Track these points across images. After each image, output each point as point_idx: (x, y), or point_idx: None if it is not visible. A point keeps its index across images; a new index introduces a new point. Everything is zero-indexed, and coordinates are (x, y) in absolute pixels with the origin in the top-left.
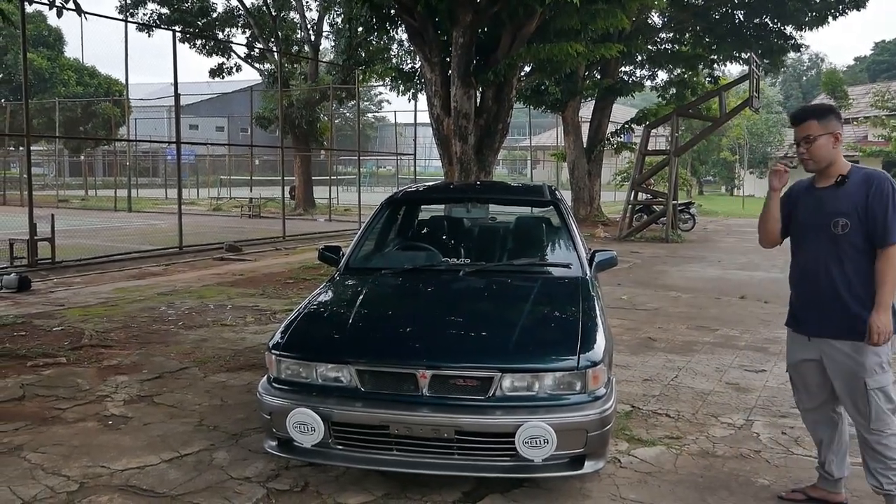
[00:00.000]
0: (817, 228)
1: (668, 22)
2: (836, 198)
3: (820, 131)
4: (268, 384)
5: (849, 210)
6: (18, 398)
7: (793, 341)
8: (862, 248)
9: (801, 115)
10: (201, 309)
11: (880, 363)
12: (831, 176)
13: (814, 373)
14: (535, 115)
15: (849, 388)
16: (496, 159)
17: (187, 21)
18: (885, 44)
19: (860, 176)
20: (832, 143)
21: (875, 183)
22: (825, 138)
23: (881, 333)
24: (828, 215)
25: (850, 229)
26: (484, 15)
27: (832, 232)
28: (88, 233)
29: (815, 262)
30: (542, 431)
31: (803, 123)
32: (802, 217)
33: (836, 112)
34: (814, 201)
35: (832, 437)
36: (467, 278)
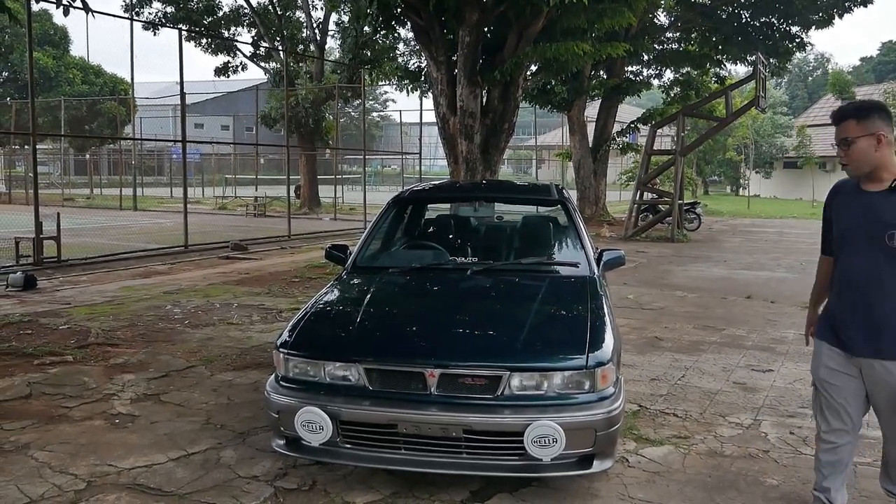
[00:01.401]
0: (868, 239)
1: (675, 21)
2: (891, 206)
3: (859, 132)
4: (276, 383)
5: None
6: (25, 396)
7: (826, 356)
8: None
9: (839, 114)
10: (207, 307)
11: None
12: (882, 180)
13: (850, 388)
14: (541, 115)
15: (891, 407)
16: (502, 158)
17: (193, 20)
18: (892, 44)
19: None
20: (874, 145)
21: None
22: (866, 141)
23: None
24: (883, 225)
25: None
26: (490, 14)
27: (886, 244)
28: (94, 231)
29: (865, 275)
30: (550, 430)
31: (841, 124)
32: (849, 223)
33: (882, 110)
34: (863, 207)
35: (847, 462)
36: (475, 277)
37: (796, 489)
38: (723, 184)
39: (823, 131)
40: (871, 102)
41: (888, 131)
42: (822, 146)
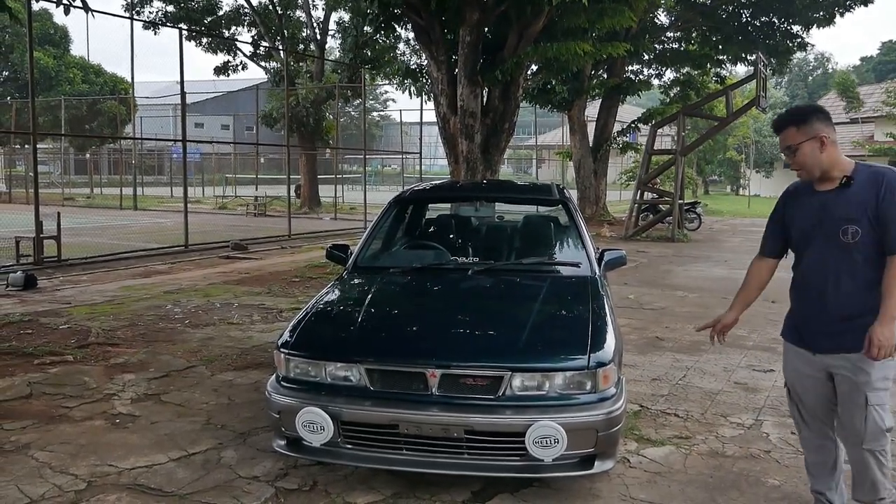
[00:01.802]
0: (824, 237)
1: (675, 21)
2: (843, 202)
3: (801, 138)
4: (277, 383)
5: (858, 215)
6: (25, 396)
7: (794, 355)
8: (876, 256)
9: (779, 123)
10: (207, 307)
11: (885, 378)
12: (833, 179)
13: (818, 389)
14: (541, 114)
15: (850, 401)
16: (502, 158)
17: (193, 19)
18: (892, 43)
19: (867, 175)
20: (818, 148)
21: (885, 182)
22: (809, 145)
23: (882, 347)
24: (835, 222)
25: (861, 236)
26: (491, 13)
27: (841, 241)
28: (94, 231)
29: (823, 273)
30: (552, 431)
31: (782, 132)
32: (805, 224)
33: (820, 112)
34: (817, 206)
35: (835, 460)
36: (476, 277)
37: (798, 490)
38: (723, 183)
39: None
40: (808, 107)
41: (829, 132)
42: None
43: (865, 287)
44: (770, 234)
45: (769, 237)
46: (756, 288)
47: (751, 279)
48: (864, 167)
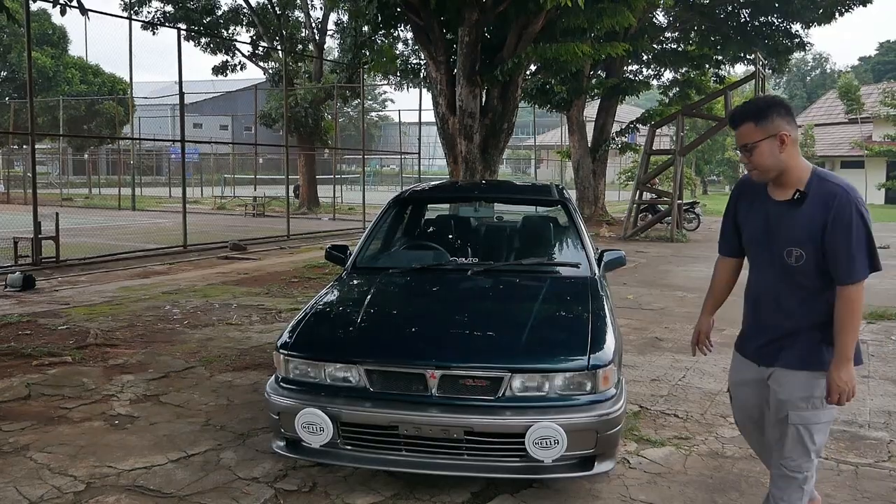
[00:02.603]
0: (769, 253)
1: (674, 21)
2: (791, 221)
3: (759, 136)
4: (276, 384)
5: (804, 238)
6: (24, 397)
7: (738, 367)
8: (820, 281)
9: (737, 117)
10: (206, 308)
11: (811, 399)
12: (787, 186)
13: (756, 395)
14: (540, 115)
15: (774, 415)
16: (501, 158)
17: (192, 19)
18: (891, 44)
19: (821, 193)
20: (777, 147)
21: (836, 207)
22: (767, 144)
23: (842, 392)
24: (780, 242)
25: (804, 261)
26: (490, 13)
27: (785, 261)
28: (92, 231)
29: (767, 289)
30: (552, 432)
31: (739, 128)
32: (754, 234)
33: (781, 106)
34: (766, 217)
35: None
36: (475, 278)
37: None
38: (722, 183)
39: (822, 131)
40: (769, 99)
41: (791, 129)
42: (821, 146)
43: (805, 309)
44: (724, 232)
45: (724, 236)
46: (723, 290)
47: (716, 281)
48: (818, 179)
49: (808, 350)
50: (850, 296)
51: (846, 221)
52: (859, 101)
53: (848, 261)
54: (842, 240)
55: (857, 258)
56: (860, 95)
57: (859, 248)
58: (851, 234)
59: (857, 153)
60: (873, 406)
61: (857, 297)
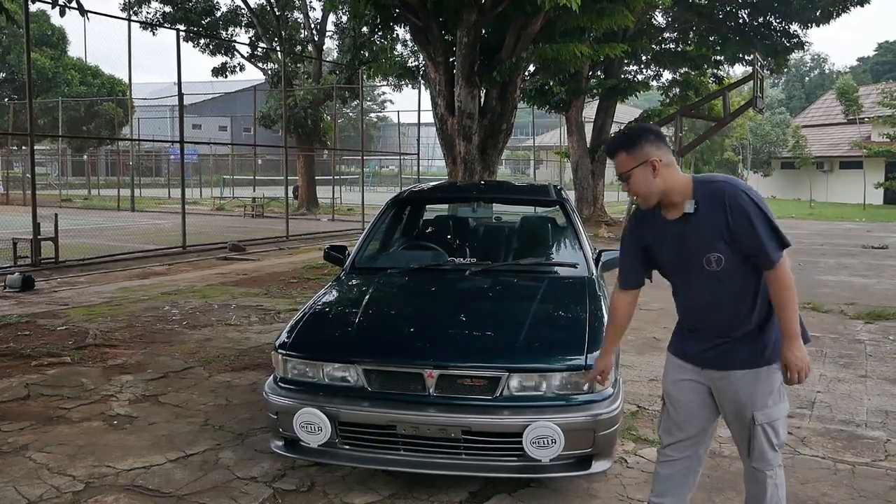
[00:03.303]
0: (690, 267)
1: (673, 22)
2: (695, 230)
3: (632, 164)
4: (274, 384)
5: (715, 242)
6: (23, 398)
7: (676, 369)
8: (747, 277)
9: (611, 149)
10: (205, 308)
11: (772, 393)
12: (675, 205)
13: (695, 404)
14: (539, 116)
15: (737, 421)
16: (500, 159)
17: (191, 20)
18: (889, 44)
19: (707, 196)
20: (650, 173)
21: (728, 200)
22: (640, 170)
23: (800, 370)
24: (696, 254)
25: (725, 262)
26: (488, 14)
27: (707, 269)
28: (91, 232)
29: (700, 299)
30: (549, 431)
31: (614, 159)
32: (669, 258)
33: (650, 133)
34: (671, 237)
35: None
36: (474, 278)
37: (794, 489)
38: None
39: (821, 131)
40: (638, 129)
41: (662, 154)
42: (819, 147)
43: (746, 307)
44: (629, 266)
45: (629, 269)
46: (625, 323)
47: (619, 317)
48: (701, 186)
49: (763, 345)
50: (779, 276)
51: (744, 210)
52: (857, 102)
53: (763, 245)
54: (748, 228)
55: (769, 239)
56: (858, 96)
57: (765, 228)
58: (754, 220)
59: (855, 153)
60: (870, 405)
61: (785, 274)
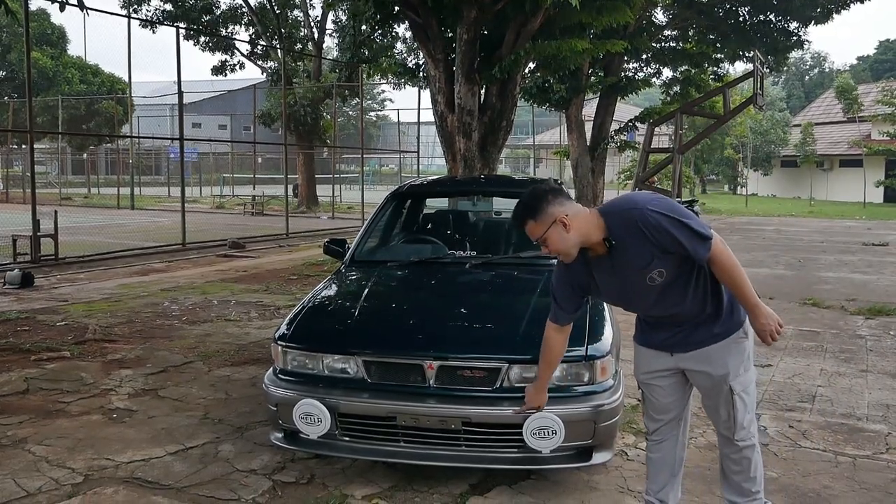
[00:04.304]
0: (636, 289)
1: (673, 19)
2: (626, 261)
3: (543, 229)
4: (274, 376)
5: (650, 259)
6: (22, 392)
7: (646, 358)
8: (692, 276)
9: (518, 221)
10: (205, 304)
11: (743, 362)
12: (595, 245)
13: (671, 384)
14: (539, 114)
15: (715, 395)
16: (500, 156)
17: (191, 18)
18: (889, 43)
19: (620, 226)
20: (563, 230)
21: (642, 225)
22: (554, 231)
23: (771, 331)
24: (636, 276)
25: (666, 274)
26: (488, 11)
27: (655, 286)
28: (91, 230)
29: (656, 310)
30: (549, 422)
31: (525, 227)
32: (611, 288)
33: (547, 194)
34: (609, 271)
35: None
36: (473, 270)
37: (795, 482)
38: (721, 182)
39: (821, 130)
40: (535, 193)
41: (566, 208)
42: (819, 145)
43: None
44: (565, 306)
45: (564, 309)
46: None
47: (553, 354)
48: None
49: (725, 317)
50: (717, 262)
51: (657, 225)
52: (856, 101)
53: (689, 249)
54: (670, 239)
55: (691, 240)
56: (857, 95)
57: (684, 233)
58: (670, 230)
59: (855, 152)
60: (871, 399)
61: (722, 258)
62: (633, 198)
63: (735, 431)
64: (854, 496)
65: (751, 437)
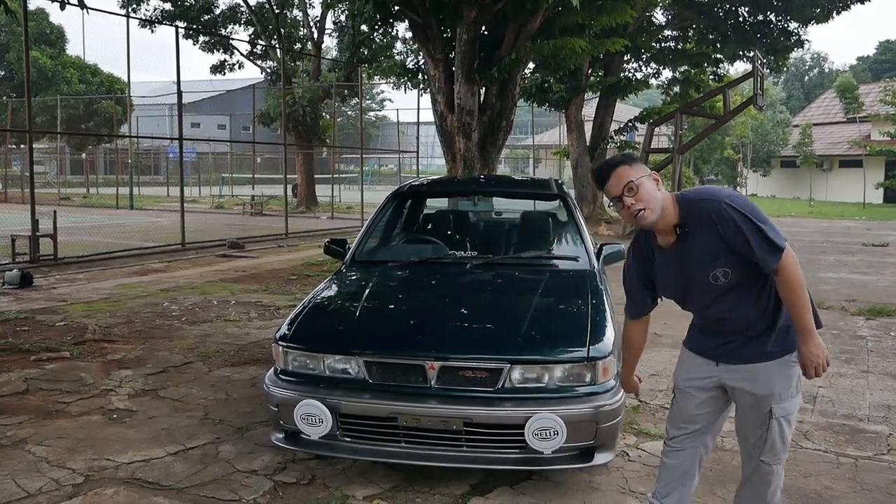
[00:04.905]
0: (699, 288)
1: (673, 19)
2: (693, 254)
3: (638, 173)
4: (275, 376)
5: (716, 257)
6: (22, 392)
7: (690, 364)
8: (755, 282)
9: (607, 167)
10: (204, 305)
11: (790, 385)
12: (666, 229)
13: (707, 399)
14: (538, 114)
15: (753, 414)
16: (499, 156)
17: (190, 17)
18: (889, 43)
19: (695, 212)
20: (655, 184)
21: (717, 219)
22: (647, 180)
23: (817, 365)
24: (700, 274)
25: (731, 275)
26: (488, 11)
27: (717, 286)
28: (90, 230)
29: (713, 313)
30: (551, 423)
31: (615, 172)
32: (672, 281)
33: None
34: (673, 262)
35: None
36: (474, 271)
37: (796, 483)
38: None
39: (821, 130)
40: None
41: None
42: (819, 145)
43: (759, 310)
44: (637, 297)
45: (637, 301)
46: (640, 349)
47: (634, 347)
48: (686, 205)
49: (779, 337)
50: (783, 277)
51: (731, 223)
52: (857, 100)
53: (760, 249)
54: (742, 239)
55: (763, 245)
56: (858, 94)
57: (756, 237)
58: (744, 229)
59: (855, 152)
60: (872, 400)
61: (789, 274)
62: (712, 190)
63: (762, 452)
64: (855, 497)
65: (777, 463)
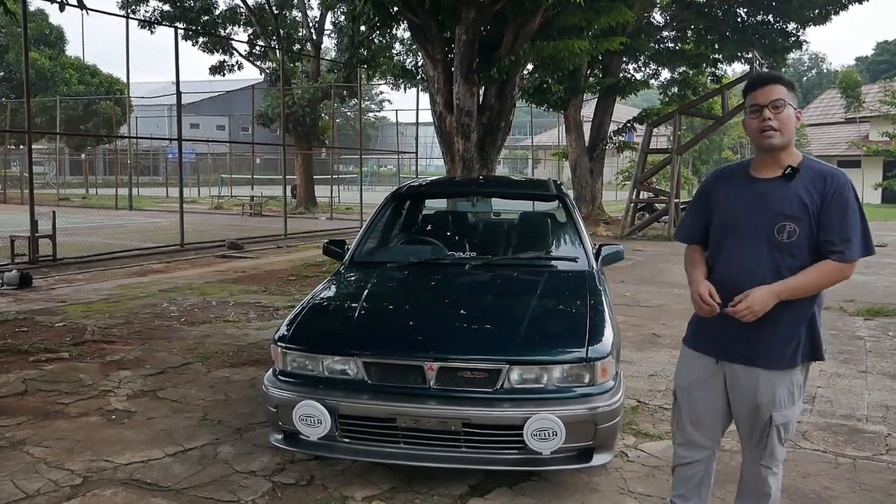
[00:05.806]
0: (754, 230)
1: (671, 20)
2: (783, 196)
3: (788, 99)
4: (273, 377)
5: (799, 213)
6: (20, 393)
7: (691, 363)
8: (808, 258)
9: (767, 77)
10: (203, 305)
11: (792, 394)
12: (779, 165)
13: (711, 398)
14: (537, 115)
15: (752, 418)
16: (498, 157)
17: (189, 18)
18: (887, 44)
19: (814, 171)
20: (796, 119)
21: (834, 184)
22: (793, 110)
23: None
24: (772, 216)
25: (798, 237)
26: (487, 11)
27: (775, 238)
28: (89, 230)
29: (743, 272)
30: (550, 424)
31: (770, 85)
32: (736, 213)
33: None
34: (753, 195)
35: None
36: (473, 272)
37: (795, 483)
38: None
39: (819, 131)
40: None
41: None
42: (817, 146)
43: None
44: (693, 223)
45: (691, 226)
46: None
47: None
48: (811, 162)
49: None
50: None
51: (845, 200)
52: (859, 98)
53: (853, 238)
54: (839, 218)
55: (859, 236)
56: (860, 92)
57: (859, 225)
58: (849, 214)
59: (853, 153)
60: (871, 400)
61: (840, 272)
62: (840, 170)
63: (762, 457)
64: (854, 497)
65: (776, 465)
